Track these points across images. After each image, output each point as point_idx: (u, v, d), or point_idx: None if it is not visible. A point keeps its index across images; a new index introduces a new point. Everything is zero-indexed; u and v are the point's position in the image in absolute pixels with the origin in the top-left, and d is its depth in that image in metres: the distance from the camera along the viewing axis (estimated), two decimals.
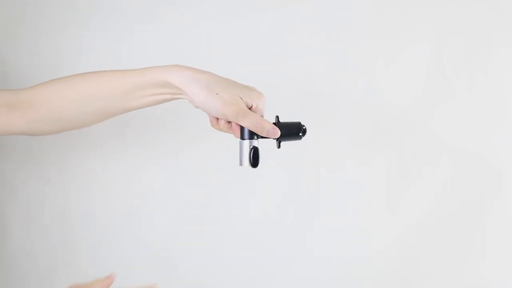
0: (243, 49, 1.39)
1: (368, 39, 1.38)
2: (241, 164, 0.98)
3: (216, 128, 1.01)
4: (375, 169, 1.40)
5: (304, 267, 1.43)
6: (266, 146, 1.05)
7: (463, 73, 1.38)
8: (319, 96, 1.40)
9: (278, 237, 1.43)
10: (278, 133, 0.97)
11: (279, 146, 0.99)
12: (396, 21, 1.38)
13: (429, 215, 1.40)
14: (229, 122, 0.98)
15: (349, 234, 1.42)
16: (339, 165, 1.41)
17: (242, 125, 0.96)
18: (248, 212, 1.43)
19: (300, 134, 0.99)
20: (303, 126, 0.99)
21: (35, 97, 1.04)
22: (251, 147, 0.96)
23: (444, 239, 1.41)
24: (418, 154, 1.40)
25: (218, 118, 0.99)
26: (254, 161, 0.96)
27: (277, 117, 0.99)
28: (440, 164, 1.40)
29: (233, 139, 1.01)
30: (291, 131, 0.98)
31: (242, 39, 1.40)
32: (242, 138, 0.97)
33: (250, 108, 0.97)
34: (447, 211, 1.40)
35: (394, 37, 1.38)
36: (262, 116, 0.99)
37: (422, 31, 1.38)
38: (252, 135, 0.96)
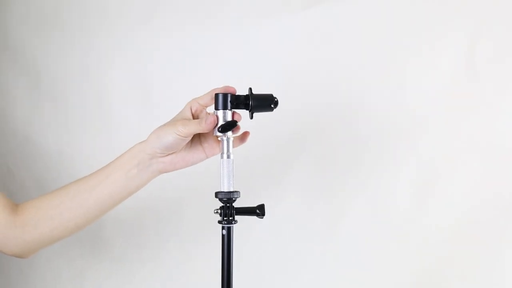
0: (268, 54, 1.42)
1: (399, 39, 1.39)
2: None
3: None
4: (407, 169, 1.39)
5: (331, 268, 1.43)
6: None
7: (495, 73, 1.37)
8: (346, 97, 1.41)
9: (305, 239, 1.42)
10: (213, 120, 0.98)
11: (251, 117, 1.01)
12: (427, 21, 1.38)
13: (460, 216, 1.38)
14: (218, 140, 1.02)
15: (380, 236, 1.40)
16: (369, 165, 1.40)
17: (198, 131, 0.98)
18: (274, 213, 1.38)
19: (272, 105, 1.00)
20: (275, 98, 1.00)
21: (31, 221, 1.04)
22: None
23: (476, 240, 1.38)
24: (449, 154, 1.38)
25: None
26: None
27: (250, 89, 1.01)
28: (472, 165, 1.37)
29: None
30: (264, 102, 1.00)
31: (267, 43, 1.42)
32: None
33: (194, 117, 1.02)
34: (479, 212, 1.37)
35: (426, 35, 1.38)
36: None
37: (454, 31, 1.37)
38: (223, 130, 0.99)
